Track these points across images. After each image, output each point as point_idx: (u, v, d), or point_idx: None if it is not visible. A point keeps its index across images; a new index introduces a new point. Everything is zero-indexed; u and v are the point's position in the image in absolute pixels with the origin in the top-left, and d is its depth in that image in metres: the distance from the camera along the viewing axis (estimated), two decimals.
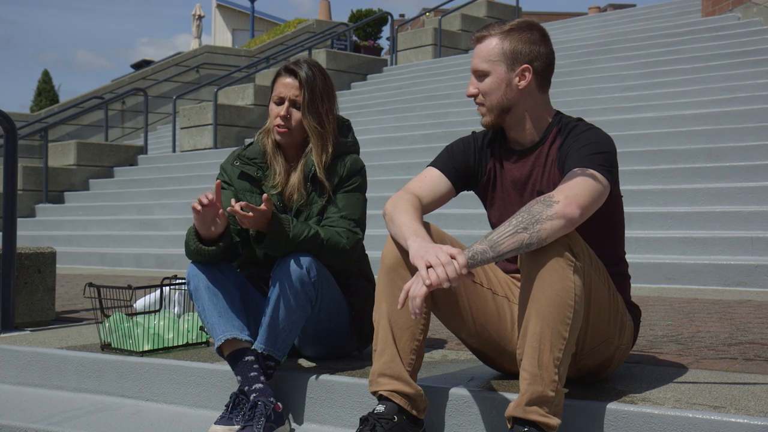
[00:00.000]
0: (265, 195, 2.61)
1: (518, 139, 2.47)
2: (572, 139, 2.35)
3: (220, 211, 2.64)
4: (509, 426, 2.12)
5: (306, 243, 2.68)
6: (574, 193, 2.14)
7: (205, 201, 2.60)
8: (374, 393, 2.31)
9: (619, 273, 2.46)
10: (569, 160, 2.29)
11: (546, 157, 2.41)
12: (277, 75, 2.88)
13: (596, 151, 2.29)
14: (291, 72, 2.85)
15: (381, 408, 2.25)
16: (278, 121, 2.84)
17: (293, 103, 2.84)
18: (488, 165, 2.52)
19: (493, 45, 2.39)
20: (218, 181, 2.70)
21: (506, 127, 2.46)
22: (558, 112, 2.48)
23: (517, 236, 2.09)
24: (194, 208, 2.62)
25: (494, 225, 2.50)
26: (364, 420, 2.25)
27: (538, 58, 2.40)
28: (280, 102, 2.85)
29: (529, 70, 2.38)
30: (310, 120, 2.83)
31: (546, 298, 2.09)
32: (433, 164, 2.55)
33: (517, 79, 2.38)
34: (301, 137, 2.88)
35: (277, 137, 2.86)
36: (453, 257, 2.08)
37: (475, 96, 2.44)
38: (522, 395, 2.09)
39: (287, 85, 2.84)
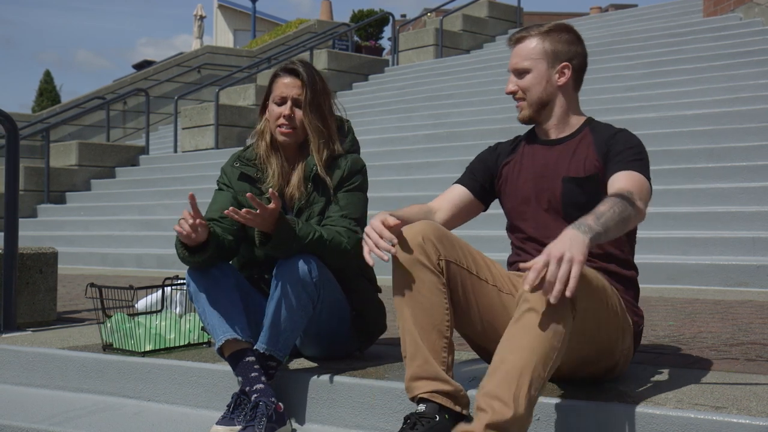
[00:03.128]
0: (271, 189, 2.59)
1: (550, 133, 2.59)
2: (617, 141, 2.47)
3: (198, 221, 2.61)
4: None
5: (311, 245, 2.68)
6: (646, 200, 2.33)
7: (187, 228, 2.59)
8: (413, 399, 2.28)
9: (628, 278, 2.51)
10: (619, 159, 2.42)
11: (574, 149, 2.53)
12: (275, 76, 2.89)
13: (643, 157, 2.45)
14: (291, 72, 2.86)
15: (422, 407, 2.23)
16: (282, 120, 2.84)
17: (296, 102, 2.85)
18: (502, 166, 2.66)
19: (534, 44, 2.55)
20: (191, 194, 2.64)
21: (541, 121, 2.60)
22: (590, 118, 2.63)
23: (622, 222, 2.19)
24: (178, 231, 2.61)
25: (508, 211, 2.64)
26: (406, 419, 2.24)
27: (576, 57, 2.57)
28: (282, 102, 2.85)
29: (569, 68, 2.55)
30: (312, 118, 2.85)
31: (535, 336, 2.03)
32: (457, 180, 2.73)
33: (557, 75, 2.54)
34: (303, 137, 2.88)
35: (282, 138, 2.86)
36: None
37: (514, 93, 2.58)
38: (483, 416, 2.00)
39: (288, 85, 2.85)
